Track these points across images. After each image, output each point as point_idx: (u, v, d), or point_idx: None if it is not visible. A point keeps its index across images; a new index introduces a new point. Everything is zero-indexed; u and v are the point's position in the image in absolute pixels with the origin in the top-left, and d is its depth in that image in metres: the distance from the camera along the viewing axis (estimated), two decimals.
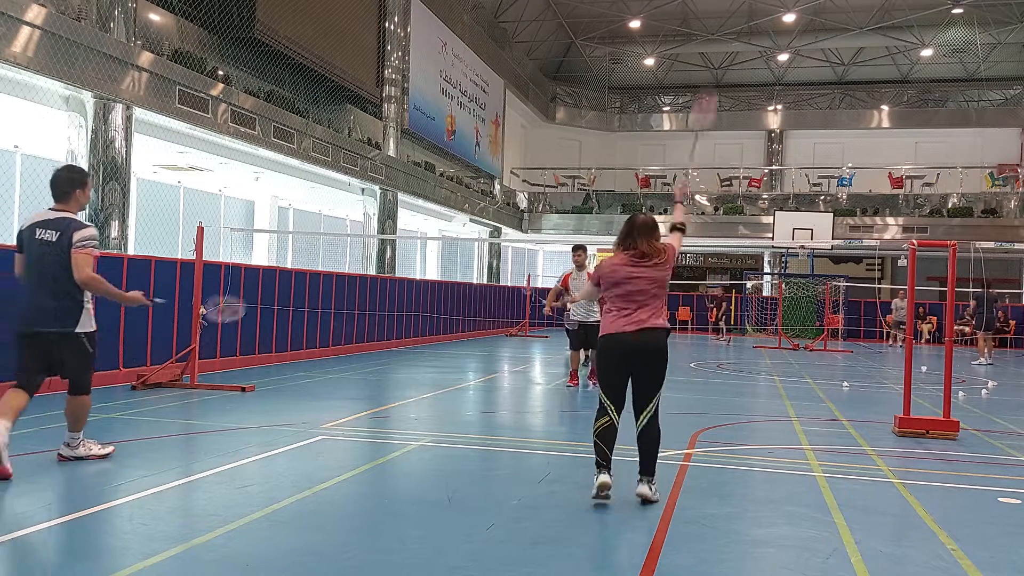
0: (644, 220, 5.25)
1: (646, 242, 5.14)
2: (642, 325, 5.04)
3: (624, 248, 5.20)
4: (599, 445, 5.05)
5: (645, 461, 5.09)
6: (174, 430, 7.15)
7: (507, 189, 30.29)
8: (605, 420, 5.06)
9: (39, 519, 4.38)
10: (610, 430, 5.04)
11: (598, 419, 5.11)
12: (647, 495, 5.02)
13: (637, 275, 5.11)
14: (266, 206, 20.39)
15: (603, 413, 5.08)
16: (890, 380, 13.84)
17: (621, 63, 35.29)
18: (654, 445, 5.08)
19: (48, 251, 5.42)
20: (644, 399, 5.06)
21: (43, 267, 5.44)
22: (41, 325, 5.47)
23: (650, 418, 5.06)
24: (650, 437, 5.07)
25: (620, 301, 5.12)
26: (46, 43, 9.90)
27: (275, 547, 4.09)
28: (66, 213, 5.58)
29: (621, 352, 5.05)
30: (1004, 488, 5.93)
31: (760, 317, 27.30)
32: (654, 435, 5.09)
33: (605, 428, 5.05)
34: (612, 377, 5.10)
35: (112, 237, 11.34)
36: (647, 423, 5.05)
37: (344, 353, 15.40)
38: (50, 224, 5.49)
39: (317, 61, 16.58)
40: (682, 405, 9.73)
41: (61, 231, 5.43)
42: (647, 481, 5.07)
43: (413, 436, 7.22)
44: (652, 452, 5.08)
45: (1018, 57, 32.47)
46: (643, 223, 5.23)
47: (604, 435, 5.05)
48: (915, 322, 15.99)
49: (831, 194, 29.59)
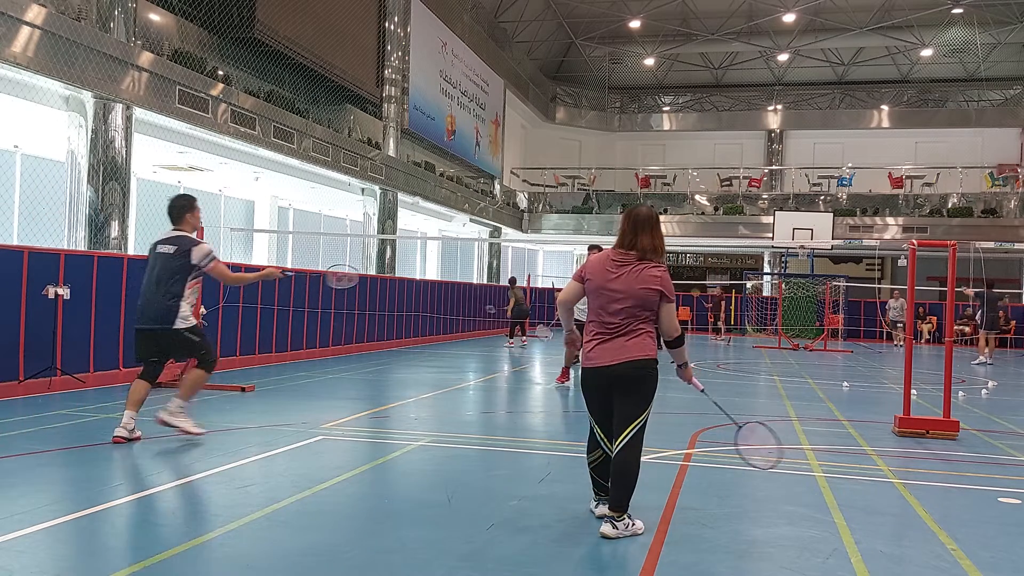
0: (647, 214, 4.54)
1: (648, 238, 4.46)
2: (620, 358, 4.39)
3: (622, 247, 4.52)
4: (596, 479, 4.74)
5: (616, 495, 4.39)
6: (174, 430, 7.14)
7: (507, 189, 30.29)
8: (599, 454, 4.65)
9: (39, 519, 4.38)
10: (604, 462, 4.62)
11: (592, 451, 4.70)
12: (608, 534, 4.34)
13: (614, 285, 4.41)
14: (266, 206, 20.38)
15: (595, 445, 4.66)
16: (890, 380, 13.84)
17: (621, 63, 35.29)
18: (627, 476, 4.40)
19: (163, 261, 6.51)
20: (622, 423, 4.42)
21: (157, 274, 6.49)
22: (148, 323, 6.49)
23: (627, 444, 4.39)
24: (626, 467, 4.40)
25: (597, 323, 4.49)
26: (46, 43, 9.90)
27: (275, 547, 4.09)
28: (182, 232, 6.68)
29: (598, 385, 4.49)
30: (1004, 488, 5.93)
31: (760, 317, 27.31)
32: (630, 465, 4.40)
33: (600, 462, 4.66)
34: (593, 403, 4.58)
35: (112, 237, 11.34)
36: (624, 447, 4.39)
37: (344, 353, 15.40)
38: (169, 240, 6.61)
39: (317, 61, 16.58)
40: (682, 405, 9.73)
41: (177, 246, 6.55)
42: (613, 520, 4.38)
43: (413, 436, 7.22)
44: (624, 484, 4.40)
45: (1018, 57, 32.46)
46: (646, 217, 4.52)
47: (599, 468, 4.68)
48: (915, 322, 15.97)
49: (831, 194, 29.59)
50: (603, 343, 4.44)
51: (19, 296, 8.77)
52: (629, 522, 4.42)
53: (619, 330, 4.41)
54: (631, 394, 4.41)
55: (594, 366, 4.46)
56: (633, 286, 4.38)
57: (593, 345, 4.48)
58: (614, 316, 4.41)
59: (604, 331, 4.45)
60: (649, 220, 4.50)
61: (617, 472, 4.41)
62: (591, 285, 4.50)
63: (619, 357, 4.39)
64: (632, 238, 4.47)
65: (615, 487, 4.40)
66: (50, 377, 9.06)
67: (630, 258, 4.44)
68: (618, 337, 4.41)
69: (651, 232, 4.48)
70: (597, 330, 4.48)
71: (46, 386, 9.00)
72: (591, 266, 4.55)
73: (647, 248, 4.45)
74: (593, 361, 4.47)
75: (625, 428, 4.40)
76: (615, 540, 4.32)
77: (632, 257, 4.44)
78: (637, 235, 4.46)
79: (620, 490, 4.39)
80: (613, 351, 4.40)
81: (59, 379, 9.20)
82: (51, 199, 12.93)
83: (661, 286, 4.39)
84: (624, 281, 4.40)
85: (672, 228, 29.51)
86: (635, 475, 4.44)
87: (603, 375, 4.43)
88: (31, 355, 8.91)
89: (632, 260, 4.43)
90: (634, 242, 4.46)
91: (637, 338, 4.40)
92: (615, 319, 4.41)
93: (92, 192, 11.16)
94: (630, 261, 4.43)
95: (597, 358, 4.44)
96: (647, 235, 4.47)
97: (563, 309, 4.75)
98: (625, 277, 4.40)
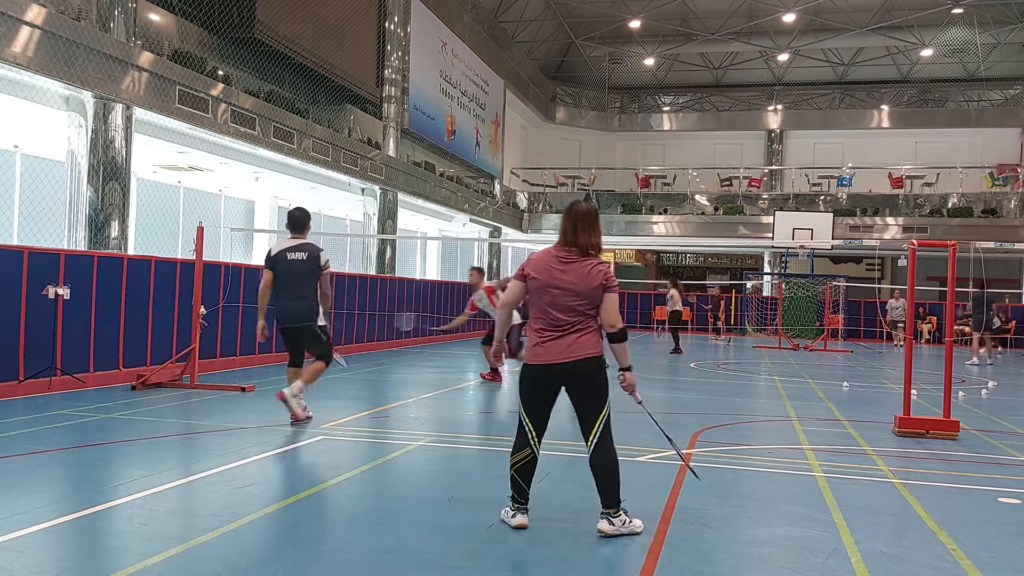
0: (587, 210, 4.50)
1: (587, 235, 4.43)
2: (570, 356, 4.35)
3: (564, 244, 4.48)
4: (517, 481, 4.50)
5: (604, 492, 4.41)
6: (174, 430, 7.15)
7: (507, 189, 30.29)
8: (526, 453, 4.47)
9: (39, 519, 4.38)
10: (531, 464, 4.49)
11: (518, 450, 4.50)
12: (605, 530, 4.37)
13: (563, 282, 4.37)
14: (266, 206, 20.38)
15: (524, 443, 4.48)
16: (890, 380, 13.84)
17: (621, 63, 35.30)
18: (611, 473, 4.40)
19: (297, 267, 7.43)
20: (588, 421, 4.43)
21: (292, 278, 7.42)
22: (292, 321, 7.52)
23: (600, 441, 4.39)
24: (604, 463, 4.39)
25: (543, 320, 4.42)
26: (46, 43, 9.90)
27: (275, 547, 4.09)
28: (304, 240, 7.63)
29: (545, 383, 4.44)
30: (1004, 488, 5.93)
31: (760, 317, 27.32)
32: (608, 461, 4.40)
33: (526, 462, 4.49)
34: (535, 401, 4.49)
35: (112, 237, 11.34)
36: (597, 445, 4.39)
37: (344, 353, 15.40)
38: (297, 248, 7.53)
39: (317, 61, 16.58)
40: (682, 405, 9.73)
41: (308, 252, 7.51)
42: (609, 515, 4.39)
43: (413, 436, 7.22)
44: (609, 479, 4.40)
45: (1018, 57, 32.47)
46: (585, 213, 4.48)
47: (524, 470, 4.50)
48: (915, 322, 15.93)
49: (831, 194, 29.60)
50: (553, 340, 4.38)
51: (19, 296, 8.77)
52: (626, 518, 4.40)
53: (569, 327, 4.37)
54: (589, 390, 4.40)
55: (544, 363, 4.39)
56: (583, 282, 4.36)
57: (541, 343, 4.41)
58: (564, 313, 4.37)
59: (553, 328, 4.39)
60: (588, 216, 4.47)
61: (600, 469, 4.40)
62: (536, 283, 4.42)
63: (572, 354, 4.35)
64: (574, 235, 4.43)
65: (603, 484, 4.40)
66: (50, 377, 9.06)
67: (573, 254, 4.42)
68: (569, 334, 4.37)
69: (591, 229, 4.46)
70: (545, 328, 4.41)
71: (46, 386, 9.00)
72: (535, 264, 4.47)
73: (586, 245, 4.43)
74: (542, 358, 4.39)
75: (593, 425, 4.39)
76: (614, 539, 4.32)
77: (575, 253, 4.42)
78: (578, 232, 4.43)
79: (608, 485, 4.40)
80: (565, 348, 4.36)
81: (59, 379, 9.20)
82: (51, 199, 12.93)
83: (605, 279, 4.39)
84: (574, 278, 4.37)
85: (672, 228, 29.53)
86: (617, 468, 4.43)
87: (554, 372, 4.38)
88: (31, 355, 8.91)
89: (576, 256, 4.41)
90: (575, 239, 4.43)
91: (588, 335, 4.38)
92: (565, 316, 4.37)
93: (92, 192, 11.15)
94: (574, 258, 4.41)
95: (547, 355, 4.38)
96: (587, 232, 4.44)
97: (506, 312, 4.63)
98: (574, 273, 4.37)
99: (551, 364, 4.37)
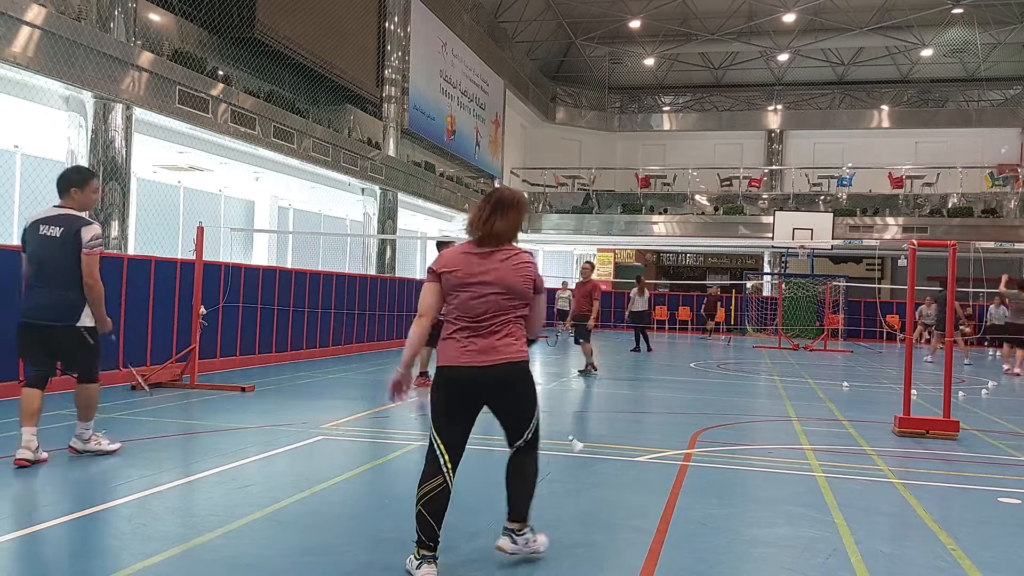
0: (511, 195, 3.87)
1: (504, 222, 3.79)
2: (500, 358, 3.74)
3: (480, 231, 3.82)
4: (425, 518, 3.67)
5: (516, 502, 3.90)
6: (174, 430, 7.15)
7: None
8: (437, 482, 3.70)
9: (39, 519, 4.37)
10: (442, 495, 3.70)
11: (427, 479, 3.72)
12: (506, 549, 3.86)
13: (487, 275, 3.75)
14: (266, 206, 20.38)
15: (435, 471, 3.72)
16: (890, 380, 13.84)
17: (621, 63, 35.31)
18: (530, 479, 3.94)
19: (48, 247, 5.50)
20: (519, 426, 3.90)
21: (42, 262, 5.52)
22: (44, 319, 5.56)
23: (528, 445, 3.93)
24: (526, 468, 3.92)
25: (465, 319, 3.77)
26: (46, 43, 9.90)
27: (275, 547, 4.09)
28: (68, 210, 5.63)
29: (467, 392, 3.78)
30: (1004, 488, 5.93)
31: (760, 317, 27.31)
32: (532, 467, 3.94)
33: (436, 493, 3.69)
34: (453, 415, 3.80)
35: (112, 237, 11.34)
36: (526, 449, 3.93)
37: (344, 353, 15.40)
38: (52, 221, 5.55)
39: (317, 61, 16.58)
40: (682, 405, 9.73)
41: (64, 226, 5.50)
42: (513, 533, 3.87)
43: (413, 436, 7.22)
44: (527, 488, 3.92)
45: (1018, 57, 32.47)
46: (510, 197, 3.85)
47: (433, 504, 3.69)
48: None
49: (831, 194, 29.61)
50: (474, 342, 3.75)
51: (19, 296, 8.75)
52: (531, 536, 3.93)
53: (493, 328, 3.76)
54: (519, 395, 3.85)
55: (467, 367, 3.73)
56: (509, 275, 3.76)
57: (460, 346, 3.77)
58: (487, 311, 3.74)
59: (474, 330, 3.76)
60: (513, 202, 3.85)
61: (519, 476, 3.92)
62: (453, 279, 3.76)
63: (498, 357, 3.74)
64: (492, 222, 3.79)
65: (518, 493, 3.90)
66: (50, 377, 9.02)
67: (492, 243, 3.80)
68: (492, 335, 3.75)
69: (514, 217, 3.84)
70: (464, 328, 3.78)
71: None
72: (449, 260, 3.82)
73: (501, 232, 3.80)
74: (464, 363, 3.74)
75: (524, 429, 3.88)
76: (614, 539, 4.31)
77: (493, 243, 3.80)
78: (496, 217, 3.79)
79: (524, 496, 3.90)
80: (489, 351, 3.74)
81: (59, 379, 9.17)
82: (51, 199, 12.88)
83: (535, 276, 3.85)
84: (498, 271, 3.75)
85: (672, 228, 29.52)
86: (536, 479, 3.96)
87: (477, 380, 3.74)
88: None
89: (493, 245, 3.80)
90: (492, 227, 3.79)
91: (512, 336, 3.79)
92: (488, 314, 3.75)
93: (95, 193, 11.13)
94: (494, 247, 3.80)
95: (470, 360, 3.73)
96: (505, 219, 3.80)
97: (425, 323, 3.85)
98: (498, 266, 3.76)
99: (474, 369, 3.72)
